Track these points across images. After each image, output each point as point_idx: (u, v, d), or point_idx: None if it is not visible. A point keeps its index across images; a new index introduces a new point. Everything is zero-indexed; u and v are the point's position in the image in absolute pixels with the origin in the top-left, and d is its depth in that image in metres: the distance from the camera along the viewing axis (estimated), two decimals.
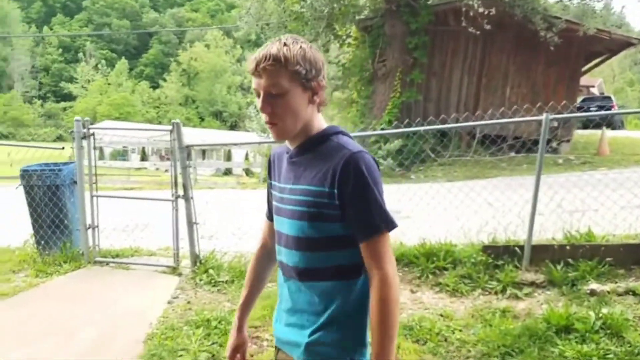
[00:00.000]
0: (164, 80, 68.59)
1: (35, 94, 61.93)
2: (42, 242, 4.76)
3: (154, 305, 3.78)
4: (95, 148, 4.91)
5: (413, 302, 3.81)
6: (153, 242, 5.50)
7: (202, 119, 65.97)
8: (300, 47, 1.25)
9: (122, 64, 69.09)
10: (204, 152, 30.47)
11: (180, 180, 4.65)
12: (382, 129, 11.25)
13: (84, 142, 4.82)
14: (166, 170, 9.20)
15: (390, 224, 1.24)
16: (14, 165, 4.62)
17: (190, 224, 4.63)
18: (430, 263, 4.20)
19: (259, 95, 1.27)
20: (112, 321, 3.51)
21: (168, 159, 7.74)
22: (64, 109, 60.55)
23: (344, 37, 14.25)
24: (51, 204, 4.72)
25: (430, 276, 4.11)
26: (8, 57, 60.51)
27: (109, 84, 64.93)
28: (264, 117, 1.29)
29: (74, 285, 4.31)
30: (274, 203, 1.42)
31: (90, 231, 4.84)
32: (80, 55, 67.19)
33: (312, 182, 1.27)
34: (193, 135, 29.10)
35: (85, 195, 4.87)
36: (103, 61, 67.70)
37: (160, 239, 5.42)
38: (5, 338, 3.26)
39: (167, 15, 78.61)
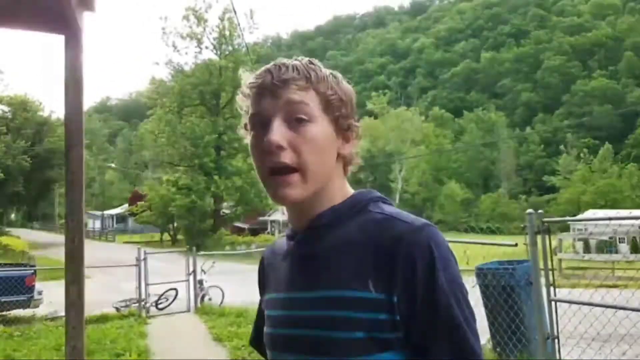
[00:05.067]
0: None
1: (520, 190, 66.24)
2: (499, 348, 4.44)
3: None
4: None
5: None
6: None
7: None
8: (331, 73, 0.86)
9: (606, 149, 65.66)
10: None
11: None
12: None
13: (539, 238, 4.34)
14: None
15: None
16: (470, 261, 4.60)
17: None
18: None
19: (259, 126, 0.80)
20: None
21: None
22: (548, 201, 61.81)
23: None
24: (507, 306, 4.39)
25: None
26: (496, 160, 68.10)
27: (592, 171, 62.57)
28: (265, 159, 0.79)
29: None
30: (268, 331, 0.87)
31: (549, 342, 4.16)
32: (562, 147, 68.21)
33: (345, 284, 0.76)
34: None
35: (543, 298, 4.29)
36: (585, 150, 66.35)
37: None
38: None
39: None
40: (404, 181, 58.16)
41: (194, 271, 9.92)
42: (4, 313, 9.18)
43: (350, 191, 0.87)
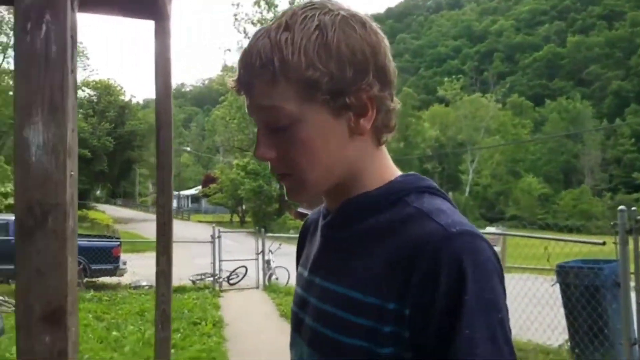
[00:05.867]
0: None
1: (605, 187, 61.83)
2: (578, 349, 4.21)
3: None
4: None
5: None
6: None
7: None
8: (317, 27, 0.64)
9: None
10: None
11: None
12: None
13: (631, 238, 4.03)
14: None
15: None
16: (551, 259, 4.38)
17: None
18: None
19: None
20: None
21: None
22: (637, 200, 57.43)
23: None
24: (589, 307, 4.14)
25: None
26: (579, 153, 63.81)
27: None
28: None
29: None
30: (293, 308, 0.82)
31: (636, 347, 3.89)
32: None
33: (360, 285, 0.66)
34: None
35: (632, 301, 4.00)
36: None
37: None
38: None
39: None
40: (475, 173, 56.07)
41: (263, 251, 10.26)
42: (93, 279, 10.10)
43: (393, 174, 0.73)
